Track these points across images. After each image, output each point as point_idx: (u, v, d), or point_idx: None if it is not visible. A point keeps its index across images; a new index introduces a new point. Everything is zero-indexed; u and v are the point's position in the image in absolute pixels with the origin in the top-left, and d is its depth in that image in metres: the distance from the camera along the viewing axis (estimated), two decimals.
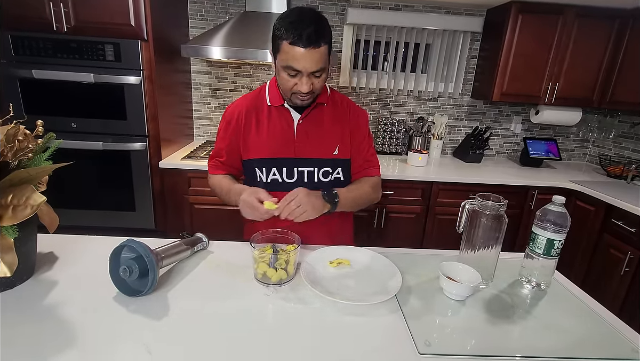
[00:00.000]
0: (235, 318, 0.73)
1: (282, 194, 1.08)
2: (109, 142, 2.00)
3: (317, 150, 1.09)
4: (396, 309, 0.79)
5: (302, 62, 0.90)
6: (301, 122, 1.08)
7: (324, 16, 0.93)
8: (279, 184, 1.10)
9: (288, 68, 0.92)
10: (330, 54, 0.96)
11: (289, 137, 1.08)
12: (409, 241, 2.28)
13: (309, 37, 0.86)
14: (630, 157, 2.50)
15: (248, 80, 2.55)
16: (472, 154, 2.57)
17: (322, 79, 0.96)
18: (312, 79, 0.94)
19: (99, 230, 2.12)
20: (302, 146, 1.08)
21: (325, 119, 1.10)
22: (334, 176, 1.12)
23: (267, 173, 1.10)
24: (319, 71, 0.93)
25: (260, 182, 1.11)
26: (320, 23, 0.89)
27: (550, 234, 0.87)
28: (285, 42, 0.89)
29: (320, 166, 1.10)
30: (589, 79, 2.34)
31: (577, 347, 0.71)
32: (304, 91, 0.95)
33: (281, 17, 0.91)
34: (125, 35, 1.86)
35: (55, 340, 0.64)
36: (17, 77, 1.89)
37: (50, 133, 0.82)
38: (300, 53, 0.88)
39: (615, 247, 1.91)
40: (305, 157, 1.09)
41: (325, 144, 1.10)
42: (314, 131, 1.09)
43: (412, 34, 2.47)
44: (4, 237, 0.68)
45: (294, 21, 0.88)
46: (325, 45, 0.90)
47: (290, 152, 1.08)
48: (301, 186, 1.07)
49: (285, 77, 0.95)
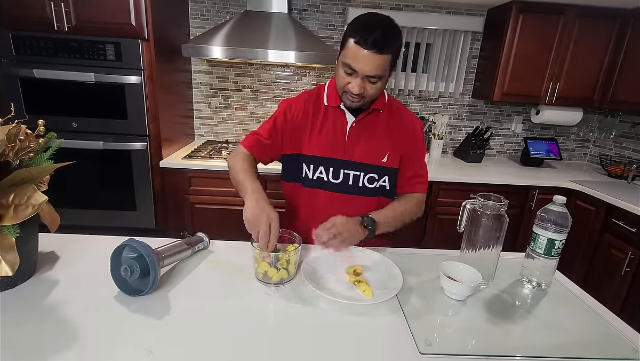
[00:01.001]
0: (236, 317, 0.73)
1: (323, 192, 1.10)
2: (109, 141, 2.00)
3: (366, 155, 1.08)
4: (397, 309, 0.79)
5: (360, 63, 0.90)
6: (354, 125, 1.08)
7: (398, 27, 0.93)
8: (323, 182, 1.10)
9: (346, 65, 0.93)
10: (394, 66, 0.96)
11: (340, 138, 1.08)
12: (410, 241, 2.28)
13: (375, 41, 0.87)
14: (630, 157, 2.50)
15: (249, 80, 2.55)
16: (473, 154, 2.57)
17: (377, 86, 0.96)
18: (365, 83, 0.94)
19: (100, 230, 2.12)
20: (351, 149, 1.08)
21: (379, 126, 1.09)
22: (380, 184, 1.11)
23: (314, 170, 1.10)
24: (375, 77, 0.93)
25: (305, 177, 1.11)
26: (390, 32, 0.90)
27: (551, 234, 0.87)
28: (351, 39, 0.90)
29: (367, 172, 1.09)
30: (590, 79, 2.33)
31: (577, 347, 0.71)
32: (354, 92, 0.95)
33: (357, 17, 0.94)
34: (126, 34, 1.86)
35: (57, 340, 0.64)
36: (18, 76, 1.89)
37: (51, 133, 0.82)
38: (362, 54, 0.89)
39: (616, 247, 1.91)
40: (353, 160, 1.09)
41: (376, 150, 1.09)
42: (366, 135, 1.08)
43: (413, 33, 2.47)
44: (6, 236, 0.68)
45: (367, 24, 0.90)
46: (389, 55, 0.90)
47: (340, 153, 1.08)
48: (346, 188, 1.09)
49: (342, 74, 0.96)
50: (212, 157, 2.14)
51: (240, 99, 2.59)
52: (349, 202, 1.10)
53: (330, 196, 1.11)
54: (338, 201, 1.10)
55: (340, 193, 1.10)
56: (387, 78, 0.98)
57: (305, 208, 1.15)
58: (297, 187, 1.15)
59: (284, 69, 2.55)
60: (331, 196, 1.11)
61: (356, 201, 1.10)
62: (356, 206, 1.09)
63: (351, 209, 0.99)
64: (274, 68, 2.54)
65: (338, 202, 1.10)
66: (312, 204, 1.13)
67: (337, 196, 1.10)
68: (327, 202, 1.11)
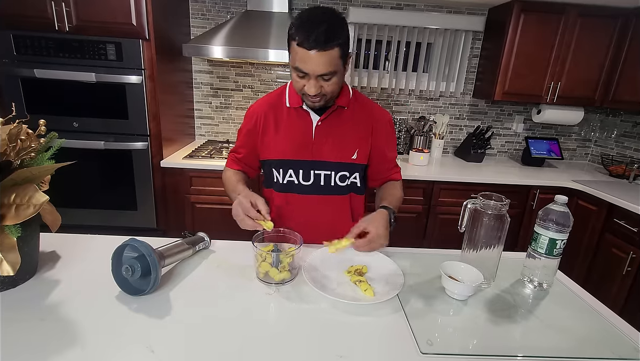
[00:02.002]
0: (237, 317, 0.73)
1: (297, 195, 1.09)
2: (110, 141, 2.00)
3: (335, 153, 1.07)
4: (398, 308, 0.79)
5: (309, 65, 0.87)
6: (320, 124, 1.06)
7: (340, 16, 0.88)
8: (294, 186, 1.09)
9: (296, 69, 0.90)
10: (347, 56, 0.93)
11: (307, 139, 1.06)
12: (411, 241, 2.28)
13: (317, 38, 0.83)
14: (632, 156, 2.49)
15: (249, 79, 2.55)
16: (474, 154, 2.57)
17: (333, 82, 0.92)
18: (320, 82, 0.91)
19: (101, 229, 2.13)
20: (319, 149, 1.06)
21: (346, 123, 1.07)
22: (351, 181, 1.10)
23: (284, 174, 1.09)
24: (328, 74, 0.89)
25: (276, 183, 1.11)
26: (331, 24, 0.85)
27: (552, 234, 0.87)
28: (294, 42, 0.87)
29: (338, 170, 1.08)
30: (591, 78, 2.33)
31: (579, 346, 0.71)
32: (311, 93, 0.92)
33: (297, 15, 0.89)
34: (127, 34, 1.86)
35: (58, 339, 0.64)
36: (19, 76, 1.89)
37: (53, 132, 0.82)
38: (307, 55, 0.85)
39: (617, 247, 1.91)
40: (322, 160, 1.07)
41: (344, 148, 1.07)
42: (333, 134, 1.06)
43: (414, 33, 2.47)
44: (7, 236, 0.68)
45: (304, 21, 0.85)
46: (336, 48, 0.86)
47: (308, 154, 1.06)
48: (317, 189, 1.08)
49: (295, 78, 0.94)
50: (212, 157, 2.14)
51: (240, 98, 2.59)
52: (322, 202, 1.09)
53: (302, 199, 1.09)
54: (311, 203, 1.09)
55: (313, 195, 1.09)
56: (344, 71, 0.95)
57: (280, 213, 1.13)
58: (271, 192, 1.15)
59: (284, 69, 2.55)
60: (303, 198, 1.09)
61: (329, 200, 1.09)
62: (329, 205, 1.09)
63: (324, 210, 0.98)
64: (275, 68, 2.54)
65: (311, 204, 1.09)
66: (285, 208, 1.11)
67: (310, 198, 1.09)
68: (300, 205, 1.09)
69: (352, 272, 0.90)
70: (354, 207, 1.14)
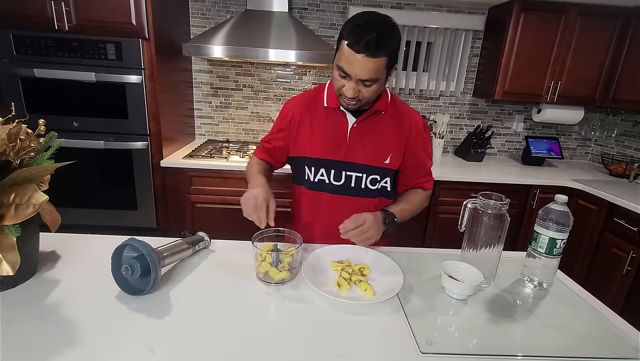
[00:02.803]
0: (237, 316, 0.73)
1: (327, 195, 1.10)
2: (110, 141, 2.00)
3: (368, 157, 1.07)
4: (398, 308, 0.79)
5: (353, 67, 0.87)
6: (355, 126, 1.06)
7: (394, 25, 0.89)
8: (325, 185, 1.10)
9: (340, 68, 0.90)
10: (392, 66, 0.93)
11: (341, 140, 1.07)
12: (411, 240, 2.28)
13: (368, 44, 0.83)
14: (632, 156, 2.49)
15: (249, 79, 2.55)
16: (474, 153, 2.57)
17: (373, 89, 0.92)
18: (360, 86, 0.91)
19: (101, 229, 2.13)
20: (353, 151, 1.07)
21: (381, 127, 1.07)
22: (381, 185, 1.11)
23: (316, 173, 1.09)
24: (369, 80, 0.89)
25: (307, 180, 1.11)
26: (385, 33, 0.85)
27: (552, 233, 0.87)
28: (344, 42, 0.87)
29: (369, 173, 1.08)
30: (592, 78, 2.33)
31: (579, 346, 0.71)
32: (348, 95, 0.92)
33: (353, 16, 0.89)
34: (127, 34, 1.86)
35: (58, 339, 0.64)
36: (19, 76, 1.89)
37: (52, 132, 0.82)
38: (354, 58, 0.86)
39: (617, 246, 1.91)
40: (355, 162, 1.07)
41: (378, 152, 1.07)
42: (367, 137, 1.07)
43: (414, 32, 2.47)
44: (7, 236, 0.68)
45: (360, 24, 0.85)
46: (383, 57, 0.86)
47: (341, 155, 1.07)
48: (348, 190, 1.09)
49: (336, 77, 0.94)
50: (212, 157, 2.14)
51: (240, 98, 2.59)
52: (351, 204, 1.09)
53: (332, 199, 1.10)
54: (340, 203, 1.09)
55: (343, 195, 1.09)
56: (386, 80, 0.96)
57: (308, 210, 1.15)
58: (301, 190, 1.15)
59: (284, 68, 2.54)
60: (333, 198, 1.10)
61: (358, 202, 1.10)
62: (358, 207, 1.08)
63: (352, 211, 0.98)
64: (275, 67, 2.54)
65: (340, 204, 1.09)
66: (314, 206, 1.13)
67: (339, 198, 1.10)
68: (329, 204, 1.10)
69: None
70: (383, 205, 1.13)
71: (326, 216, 1.11)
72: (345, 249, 0.99)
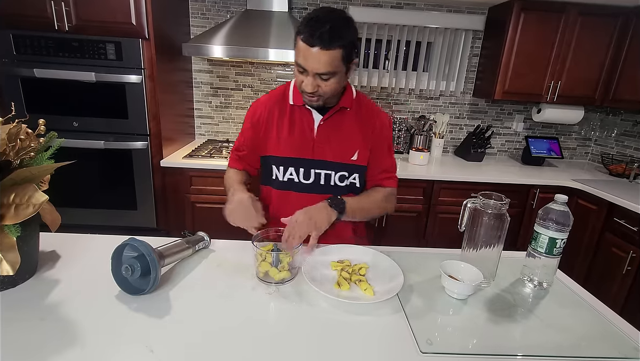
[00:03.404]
0: (237, 316, 0.73)
1: (296, 194, 1.10)
2: (110, 141, 2.00)
3: (335, 153, 1.07)
4: (398, 308, 0.79)
5: (309, 61, 0.88)
6: (322, 123, 1.06)
7: (349, 19, 0.90)
8: (294, 184, 1.09)
9: (297, 64, 0.92)
10: (351, 60, 0.93)
11: (308, 138, 1.07)
12: (411, 240, 2.28)
13: (321, 36, 0.84)
14: (632, 155, 2.49)
15: (249, 79, 2.55)
16: (474, 153, 2.57)
17: (331, 83, 0.93)
18: (318, 81, 0.92)
19: (101, 229, 2.13)
20: (321, 148, 1.07)
21: (347, 124, 1.08)
22: (350, 181, 1.11)
23: (284, 172, 1.09)
24: (326, 74, 0.90)
25: (276, 180, 1.11)
26: (337, 25, 0.86)
27: (552, 233, 0.87)
28: (299, 37, 0.88)
29: (338, 170, 1.08)
30: (592, 77, 2.33)
31: (579, 346, 0.71)
32: (307, 90, 0.93)
33: (307, 13, 0.90)
34: (127, 34, 1.86)
35: (57, 339, 0.64)
36: (19, 76, 1.89)
37: (52, 132, 0.82)
38: (309, 52, 0.87)
39: (617, 246, 1.91)
40: (323, 159, 1.07)
41: (345, 148, 1.08)
42: (334, 134, 1.07)
43: (414, 32, 2.47)
44: (7, 236, 0.68)
45: (313, 18, 0.86)
46: (338, 49, 0.87)
47: (309, 153, 1.07)
48: (317, 188, 1.08)
49: (296, 73, 0.95)
50: (212, 157, 2.14)
51: (240, 98, 2.59)
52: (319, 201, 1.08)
53: (301, 197, 1.09)
54: (308, 202, 1.07)
55: (311, 194, 1.09)
56: (346, 74, 0.96)
57: (277, 211, 1.13)
58: (268, 190, 1.15)
59: (284, 68, 2.54)
60: (302, 197, 1.09)
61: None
62: None
63: None
64: (275, 67, 2.54)
65: (308, 202, 1.07)
66: (283, 206, 1.11)
67: (307, 196, 1.08)
68: (296, 203, 1.08)
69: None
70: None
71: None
72: (345, 249, 0.99)
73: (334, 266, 0.92)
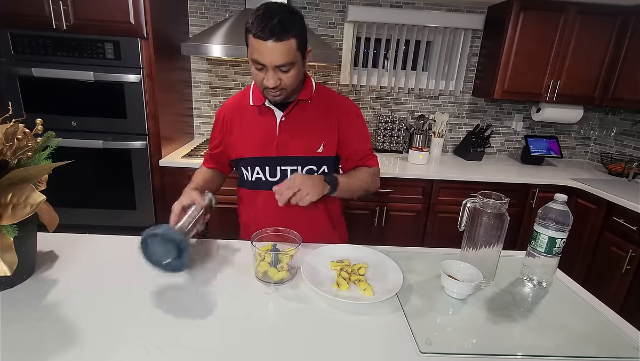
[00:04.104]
0: (236, 316, 0.73)
1: (266, 192, 1.09)
2: (109, 140, 1.99)
3: (300, 148, 1.07)
4: (397, 308, 0.78)
5: (266, 56, 0.88)
6: (284, 120, 1.06)
7: (296, 10, 0.91)
8: (262, 182, 1.10)
9: (254, 61, 0.91)
10: (305, 50, 0.94)
11: (271, 135, 1.07)
12: (410, 240, 2.28)
13: (272, 29, 0.85)
14: (631, 155, 2.49)
15: (248, 78, 2.54)
16: (473, 152, 2.57)
17: (292, 74, 0.93)
18: (278, 74, 0.92)
19: (100, 229, 2.12)
20: (284, 144, 1.07)
21: (309, 116, 1.07)
22: (318, 174, 1.10)
23: (252, 172, 1.10)
24: (285, 65, 0.90)
25: (247, 181, 1.13)
26: (287, 16, 0.87)
27: (552, 233, 0.86)
28: (250, 35, 0.88)
29: (304, 164, 1.08)
30: (591, 77, 2.33)
31: (578, 345, 0.71)
32: (270, 85, 0.93)
33: (252, 13, 0.90)
34: (125, 33, 1.85)
35: (56, 339, 0.64)
36: (17, 75, 1.88)
37: (50, 132, 0.81)
38: (264, 46, 0.87)
39: (616, 245, 1.91)
40: (288, 155, 1.07)
41: (309, 141, 1.07)
42: (297, 128, 1.07)
43: (413, 31, 2.46)
44: (4, 236, 0.68)
45: (260, 14, 0.87)
46: (292, 39, 0.88)
47: (273, 150, 1.07)
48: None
49: (254, 72, 0.94)
50: None
51: None
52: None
53: (270, 195, 1.05)
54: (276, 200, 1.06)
55: None
56: (303, 63, 0.96)
57: (248, 210, 1.16)
58: (242, 191, 1.17)
59: None
60: (271, 194, 1.05)
61: None
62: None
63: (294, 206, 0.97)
64: None
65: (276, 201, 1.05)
66: (254, 205, 1.13)
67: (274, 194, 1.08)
68: (268, 201, 1.08)
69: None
70: (326, 200, 1.13)
71: (271, 213, 1.08)
72: (345, 249, 0.99)
73: (333, 266, 0.92)
